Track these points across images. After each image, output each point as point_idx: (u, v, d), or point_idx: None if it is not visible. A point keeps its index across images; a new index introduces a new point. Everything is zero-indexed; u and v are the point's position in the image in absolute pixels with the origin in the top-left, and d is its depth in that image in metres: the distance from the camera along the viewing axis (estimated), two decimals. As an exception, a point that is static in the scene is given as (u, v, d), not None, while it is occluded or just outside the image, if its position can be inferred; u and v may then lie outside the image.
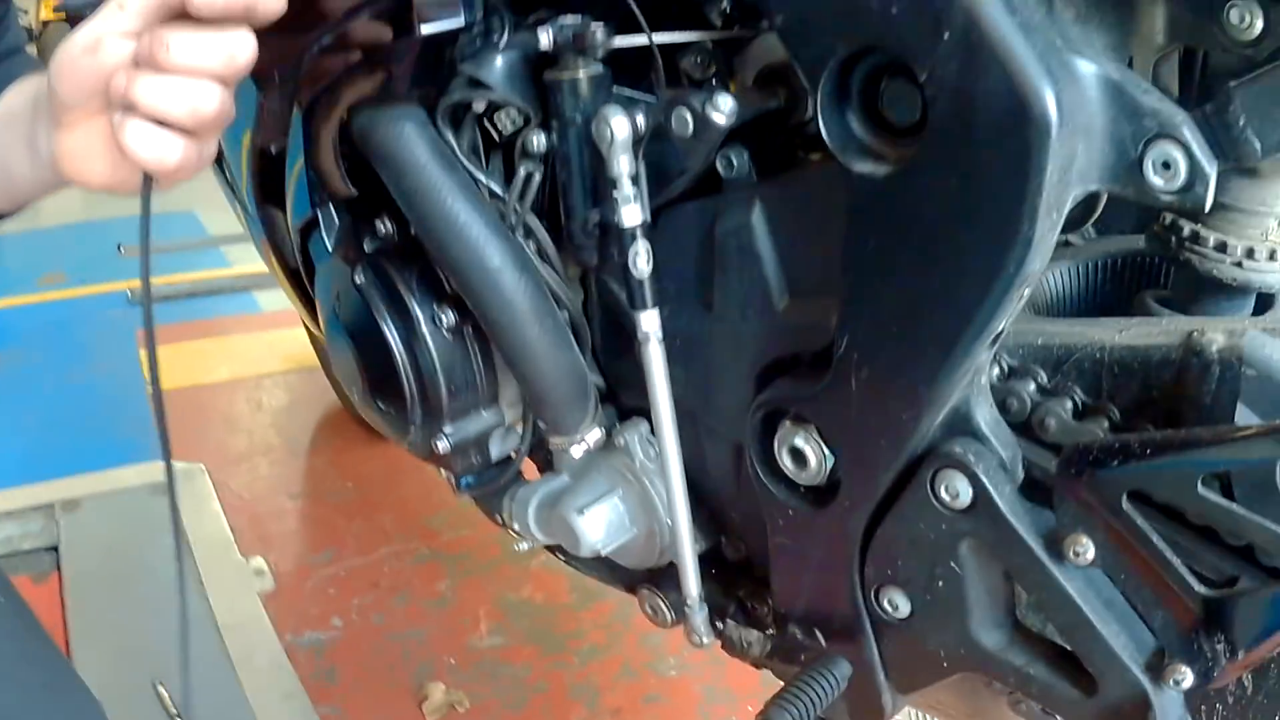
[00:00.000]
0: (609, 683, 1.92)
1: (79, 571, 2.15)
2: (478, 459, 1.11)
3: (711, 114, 0.83)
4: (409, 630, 2.03)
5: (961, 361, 0.71)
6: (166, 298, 3.56)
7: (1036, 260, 0.67)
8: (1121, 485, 0.68)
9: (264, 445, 2.65)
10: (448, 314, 1.00)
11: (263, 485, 2.48)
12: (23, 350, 3.27)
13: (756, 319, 0.88)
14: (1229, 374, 0.73)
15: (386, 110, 0.93)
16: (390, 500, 2.42)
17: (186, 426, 2.71)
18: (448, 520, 2.34)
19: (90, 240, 4.21)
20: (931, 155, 0.69)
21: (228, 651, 1.92)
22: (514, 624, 2.05)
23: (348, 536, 2.29)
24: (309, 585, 2.14)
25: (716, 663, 1.95)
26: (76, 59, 0.75)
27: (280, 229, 1.29)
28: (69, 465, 2.48)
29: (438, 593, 2.13)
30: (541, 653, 1.98)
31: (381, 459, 2.57)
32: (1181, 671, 0.73)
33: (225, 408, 2.85)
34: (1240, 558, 0.70)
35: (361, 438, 2.64)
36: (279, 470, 2.55)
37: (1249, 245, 0.83)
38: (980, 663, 0.84)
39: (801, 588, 0.93)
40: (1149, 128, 0.64)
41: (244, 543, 2.24)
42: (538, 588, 2.14)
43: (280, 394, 2.92)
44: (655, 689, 1.92)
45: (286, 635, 1.99)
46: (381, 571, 2.19)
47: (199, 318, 3.43)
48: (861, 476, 0.81)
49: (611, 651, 2.00)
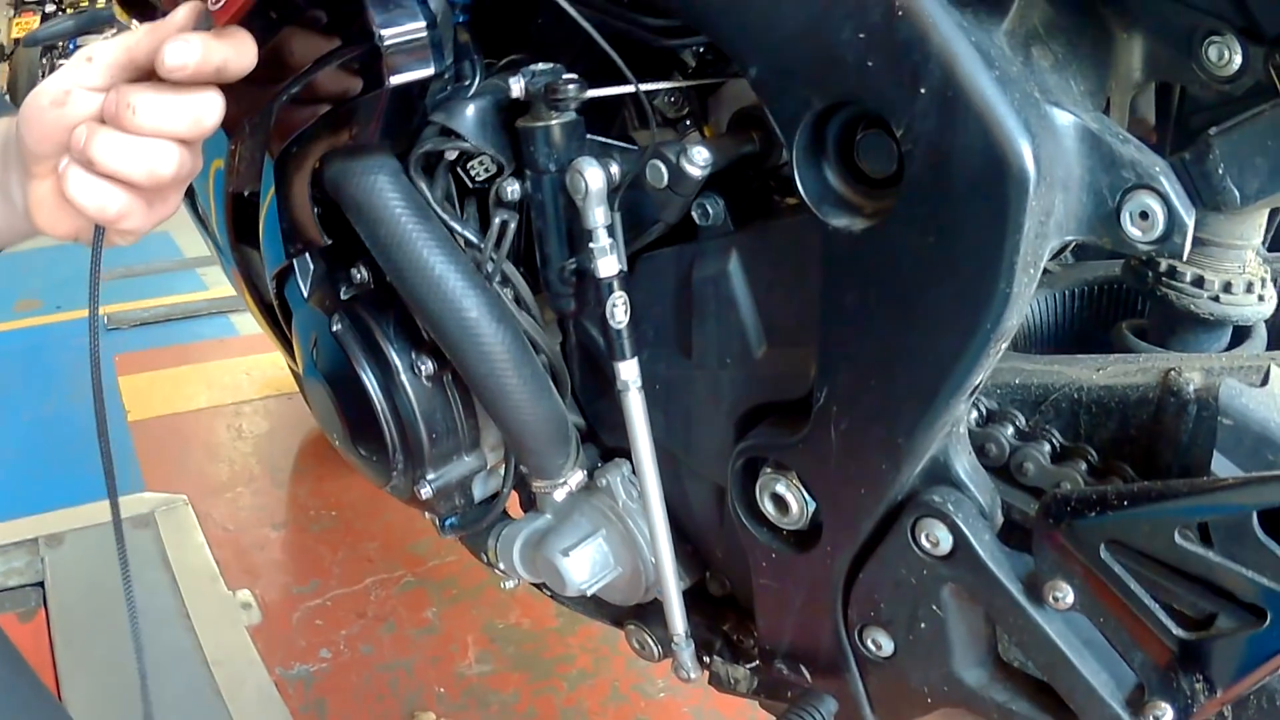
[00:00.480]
0: (598, 707, 1.92)
1: (66, 607, 2.13)
2: (461, 501, 1.11)
3: (686, 166, 0.83)
4: (397, 659, 2.02)
5: (940, 414, 0.71)
6: (143, 322, 3.54)
7: (1014, 316, 0.67)
8: (1100, 535, 0.69)
9: (246, 474, 2.63)
10: (426, 363, 1.00)
11: (246, 516, 2.46)
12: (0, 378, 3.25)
13: (735, 366, 0.88)
14: (1205, 413, 0.74)
15: (359, 160, 0.93)
16: (374, 528, 2.41)
17: (167, 456, 2.69)
18: (432, 546, 2.33)
19: (66, 265, 4.17)
20: (908, 209, 0.68)
21: (218, 686, 1.91)
22: (502, 650, 2.05)
23: (333, 566, 2.28)
24: (296, 617, 2.13)
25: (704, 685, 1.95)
26: (44, 110, 0.75)
27: (255, 266, 1.28)
28: (49, 496, 2.46)
29: (425, 620, 2.12)
30: (530, 679, 1.98)
31: (364, 486, 2.53)
32: (1161, 708, 0.74)
33: (205, 436, 2.83)
34: (1218, 595, 0.71)
35: (343, 465, 2.62)
36: (262, 500, 2.53)
37: (1226, 279, 0.84)
38: (963, 699, 0.85)
39: (786, 626, 0.94)
40: (1127, 178, 0.65)
41: (229, 575, 2.22)
42: (525, 613, 2.14)
43: (260, 421, 2.90)
44: (644, 711, 1.92)
45: (275, 668, 1.97)
46: (368, 601, 2.18)
47: (175, 342, 3.41)
48: (842, 523, 0.82)
49: (600, 675, 1.99)
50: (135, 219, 0.78)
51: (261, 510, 2.49)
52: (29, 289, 3.96)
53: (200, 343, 3.42)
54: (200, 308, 3.69)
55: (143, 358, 3.22)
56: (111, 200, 0.75)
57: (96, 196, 0.75)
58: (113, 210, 0.76)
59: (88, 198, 0.75)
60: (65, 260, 4.16)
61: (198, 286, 3.95)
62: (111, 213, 0.76)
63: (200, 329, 3.54)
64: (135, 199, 0.76)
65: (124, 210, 0.76)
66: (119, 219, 0.77)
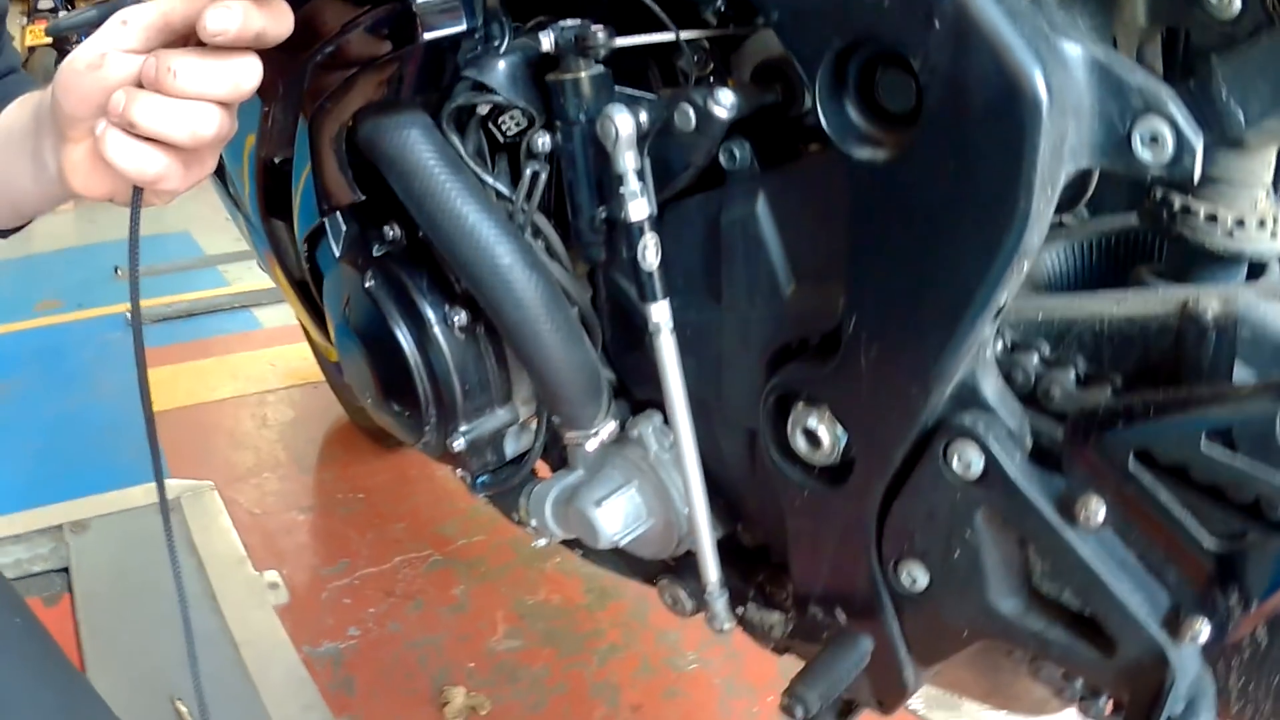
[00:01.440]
0: (628, 680, 1.94)
1: (91, 592, 2.15)
2: (492, 457, 1.13)
3: (713, 108, 0.86)
4: (426, 637, 2.04)
5: (966, 336, 0.73)
6: (165, 318, 3.56)
7: (1034, 235, 0.69)
8: (1127, 446, 0.70)
9: (271, 461, 2.66)
10: (459, 314, 1.02)
11: (272, 500, 2.49)
12: (23, 376, 3.27)
13: (764, 306, 0.89)
14: (1225, 338, 0.75)
15: (392, 116, 0.95)
16: (401, 510, 2.43)
17: (192, 445, 2.72)
18: (460, 527, 2.35)
19: (85, 265, 4.22)
20: (928, 140, 0.71)
21: (245, 666, 1.93)
22: (531, 626, 2.06)
23: (360, 547, 2.30)
24: (324, 597, 2.15)
25: (734, 656, 1.97)
26: (80, 74, 0.77)
27: (284, 241, 1.30)
28: (75, 489, 2.48)
29: (453, 598, 2.14)
30: (559, 653, 1.99)
31: (391, 470, 2.58)
32: (1197, 627, 0.75)
33: (230, 425, 2.85)
34: (1247, 514, 0.72)
35: (369, 450, 2.65)
36: (288, 485, 2.55)
37: (1239, 216, 0.85)
38: (999, 630, 0.86)
39: (820, 567, 0.95)
40: (1135, 105, 0.67)
41: (256, 558, 2.24)
42: (553, 590, 2.15)
43: (285, 409, 2.93)
44: (675, 684, 1.93)
45: (303, 647, 1.99)
46: (396, 580, 2.19)
47: (199, 337, 3.44)
48: (875, 453, 0.83)
49: (629, 649, 2.01)
50: (174, 180, 0.79)
51: (288, 495, 2.51)
52: (50, 290, 4.00)
53: (224, 336, 3.44)
54: (223, 302, 3.72)
55: (166, 352, 3.24)
56: (151, 162, 0.77)
57: (136, 159, 0.77)
58: (152, 172, 0.77)
59: (128, 160, 0.76)
60: (85, 262, 4.23)
61: (220, 283, 3.98)
62: (151, 174, 0.78)
63: (223, 323, 3.56)
64: (174, 161, 0.78)
65: (163, 172, 0.78)
66: (158, 180, 0.79)
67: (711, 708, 1.89)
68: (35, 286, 4.06)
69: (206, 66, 0.74)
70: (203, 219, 4.58)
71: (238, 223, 1.61)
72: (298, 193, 1.15)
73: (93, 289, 3.90)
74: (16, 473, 2.65)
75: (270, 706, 1.83)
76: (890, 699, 1.00)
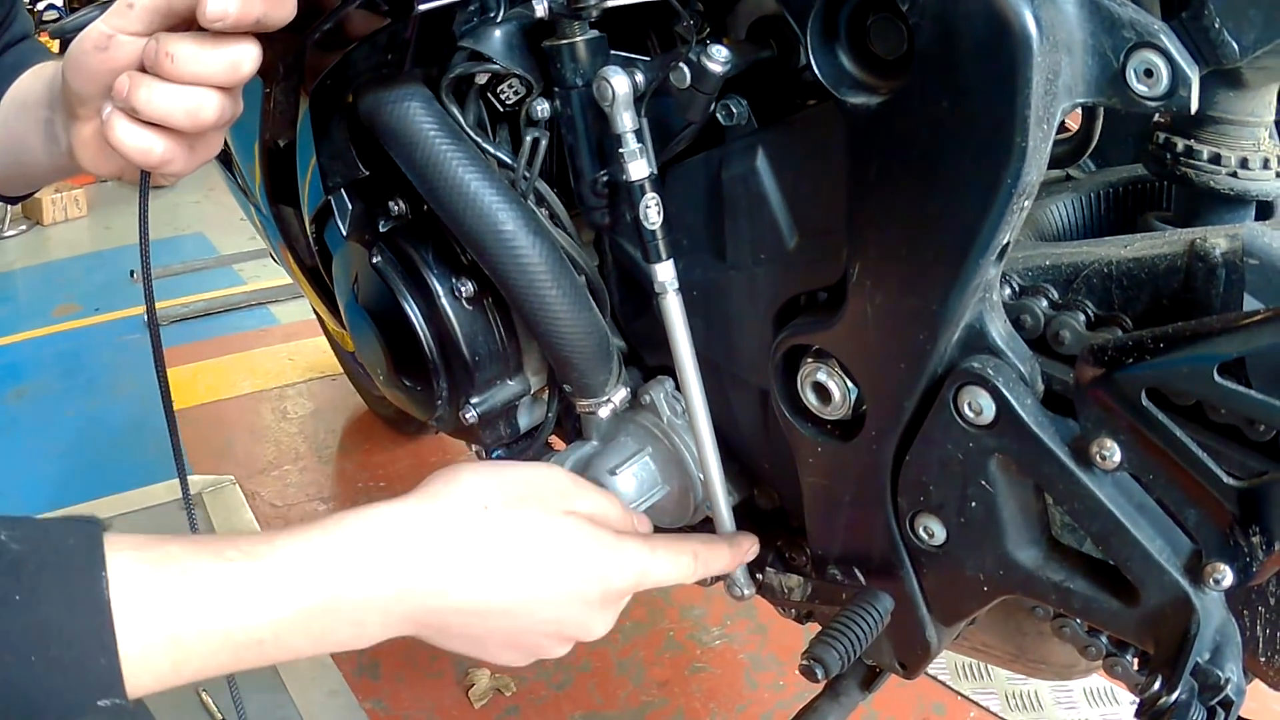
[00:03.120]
0: (654, 657, 1.94)
1: (116, 590, 2.16)
2: (506, 430, 1.13)
3: (708, 64, 0.85)
4: (450, 620, 2.04)
5: (971, 276, 0.72)
6: (183, 318, 3.58)
7: (1033, 171, 0.68)
8: (1139, 383, 0.69)
9: (292, 453, 2.67)
10: (466, 285, 1.02)
11: (294, 492, 2.50)
12: (44, 380, 3.30)
13: (769, 261, 0.89)
14: (1234, 275, 0.75)
15: (391, 89, 0.94)
16: (422, 496, 2.43)
17: (213, 440, 2.73)
18: (481, 511, 2.35)
19: (101, 270, 4.25)
20: (921, 82, 0.71)
21: (269, 655, 1.94)
22: (554, 606, 2.06)
23: (383, 534, 2.30)
24: (348, 584, 2.16)
25: (759, 631, 1.97)
26: (87, 54, 0.78)
27: (294, 227, 1.31)
28: (99, 488, 2.51)
29: (476, 582, 2.14)
30: (584, 632, 1.99)
31: (411, 457, 2.59)
32: (1220, 570, 0.74)
33: (251, 420, 2.87)
34: (1264, 454, 0.71)
35: (389, 438, 2.66)
36: (309, 476, 2.56)
37: (1242, 155, 0.85)
38: (1019, 583, 0.85)
39: (837, 526, 0.94)
40: (1128, 38, 0.66)
41: (280, 549, 2.25)
42: (575, 569, 2.15)
43: (304, 402, 2.94)
44: (700, 659, 1.93)
45: (329, 634, 2.00)
46: (419, 566, 2.20)
47: (217, 335, 3.45)
48: (885, 403, 0.82)
49: (654, 626, 2.01)
50: (179, 163, 0.80)
51: (309, 486, 2.52)
52: (67, 295, 4.02)
53: (241, 334, 3.46)
54: (239, 300, 3.74)
55: (185, 351, 3.26)
56: (155, 145, 0.78)
57: (141, 142, 0.78)
58: (156, 155, 0.78)
59: (132, 144, 0.77)
60: (100, 268, 4.25)
61: (236, 282, 3.99)
62: (155, 157, 0.78)
63: (240, 321, 3.58)
64: (178, 144, 0.79)
65: (167, 156, 0.79)
66: (163, 164, 0.79)
67: (738, 682, 1.89)
68: (53, 292, 4.09)
69: (204, 50, 0.75)
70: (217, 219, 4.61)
71: (249, 215, 1.61)
72: (305, 174, 1.15)
73: (109, 293, 3.93)
74: (41, 474, 2.67)
75: (295, 694, 1.85)
76: (912, 661, 0.99)
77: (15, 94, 0.91)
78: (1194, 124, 0.87)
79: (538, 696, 1.86)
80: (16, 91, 0.91)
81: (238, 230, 4.37)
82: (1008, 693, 1.82)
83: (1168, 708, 0.73)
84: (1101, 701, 1.80)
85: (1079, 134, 1.02)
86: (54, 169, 0.91)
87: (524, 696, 1.86)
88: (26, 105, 0.89)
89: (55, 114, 0.85)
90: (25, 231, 4.84)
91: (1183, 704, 0.73)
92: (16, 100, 0.91)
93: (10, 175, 0.95)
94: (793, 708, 1.19)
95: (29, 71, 0.91)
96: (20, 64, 0.94)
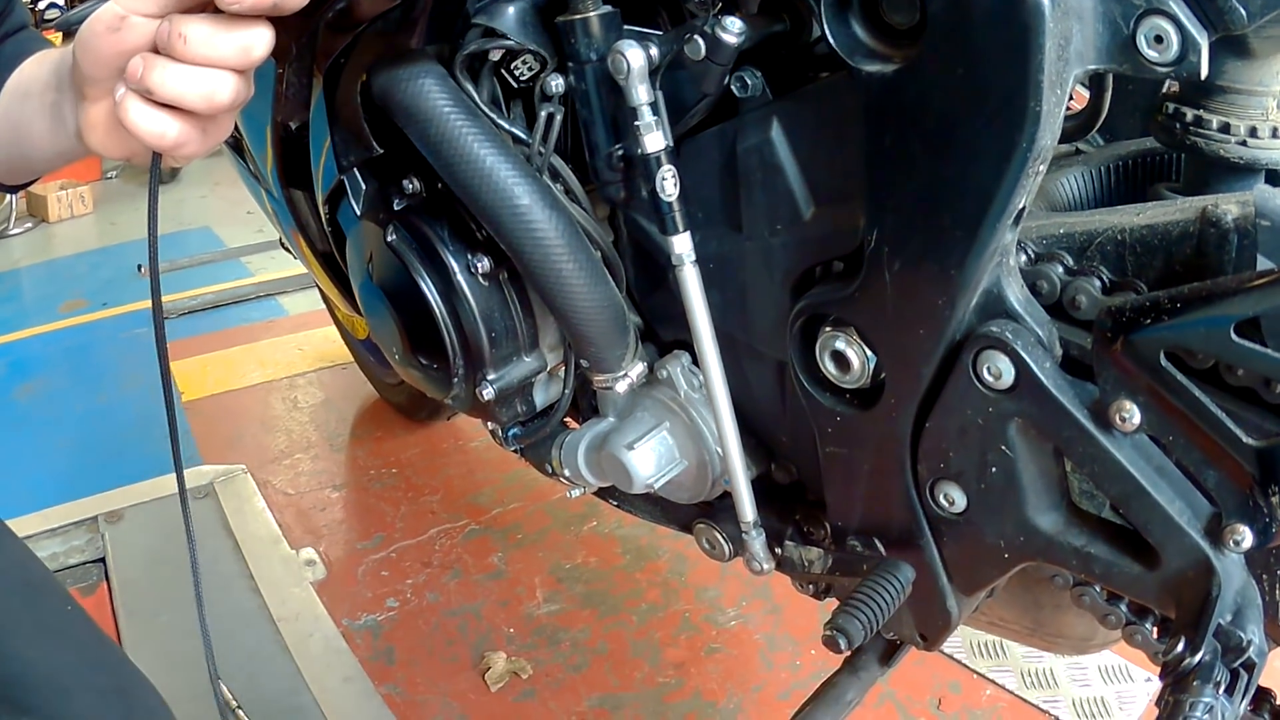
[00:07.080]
0: (669, 638, 1.94)
1: (127, 580, 2.17)
2: (522, 408, 1.13)
3: (722, 35, 0.86)
4: (465, 605, 2.05)
5: (988, 241, 0.73)
6: (191, 310, 3.58)
7: (1047, 135, 0.69)
8: (1157, 345, 0.69)
9: (303, 442, 2.67)
10: (482, 261, 1.02)
11: (306, 480, 2.50)
12: (52, 375, 3.30)
13: (786, 232, 0.89)
14: (1246, 239, 0.75)
15: (405, 66, 0.94)
16: (435, 482, 2.44)
17: (223, 431, 2.74)
18: (494, 496, 2.36)
19: (107, 265, 4.25)
20: (935, 48, 0.71)
21: (284, 642, 1.96)
22: (570, 590, 2.07)
23: (396, 520, 2.31)
24: (361, 571, 2.17)
25: (774, 612, 1.97)
26: (100, 35, 0.77)
27: (306, 211, 1.31)
28: (108, 480, 2.50)
29: (491, 566, 2.15)
30: (599, 615, 2.00)
31: (423, 443, 2.59)
32: (1240, 532, 0.74)
33: (261, 410, 2.87)
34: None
35: (400, 425, 2.66)
36: (321, 464, 2.57)
37: (1251, 124, 0.86)
38: (1040, 549, 0.85)
39: (856, 496, 0.94)
40: (1137, 4, 0.67)
41: (292, 536, 2.26)
42: (590, 553, 2.16)
43: (315, 391, 2.94)
44: (716, 641, 1.94)
45: (342, 620, 2.01)
46: (432, 551, 2.21)
47: (226, 327, 3.45)
48: (904, 370, 0.83)
49: (669, 608, 2.01)
50: (191, 145, 0.80)
51: (321, 474, 2.52)
52: (74, 291, 4.02)
53: (250, 325, 3.46)
54: (247, 292, 3.73)
55: (193, 343, 3.26)
56: (169, 128, 0.77)
57: (156, 125, 0.77)
58: (170, 138, 0.78)
59: (147, 126, 0.77)
60: (106, 263, 4.25)
61: (244, 274, 4.00)
62: (170, 140, 0.78)
63: (249, 313, 3.58)
64: (191, 126, 0.78)
65: (182, 138, 0.78)
66: (176, 146, 0.79)
67: (754, 662, 1.89)
68: (59, 288, 4.09)
69: (217, 32, 0.74)
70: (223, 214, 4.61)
71: (260, 201, 1.61)
72: (319, 156, 1.15)
73: (116, 288, 3.93)
74: (50, 468, 2.68)
75: (310, 680, 1.86)
76: (934, 632, 0.99)
77: (17, 81, 0.91)
78: (1203, 94, 0.87)
79: (554, 679, 1.86)
80: (18, 78, 0.91)
81: (244, 224, 4.37)
82: (1023, 670, 1.82)
83: (1192, 669, 0.74)
84: (1116, 679, 1.80)
85: (1088, 108, 1.03)
86: (58, 154, 0.90)
87: (540, 679, 1.86)
88: (30, 91, 0.89)
89: (63, 96, 0.85)
90: (31, 229, 4.84)
91: (1206, 665, 0.74)
92: (19, 87, 0.90)
93: (12, 162, 0.95)
94: (809, 687, 1.20)
95: (31, 58, 0.91)
96: (20, 53, 0.93)
